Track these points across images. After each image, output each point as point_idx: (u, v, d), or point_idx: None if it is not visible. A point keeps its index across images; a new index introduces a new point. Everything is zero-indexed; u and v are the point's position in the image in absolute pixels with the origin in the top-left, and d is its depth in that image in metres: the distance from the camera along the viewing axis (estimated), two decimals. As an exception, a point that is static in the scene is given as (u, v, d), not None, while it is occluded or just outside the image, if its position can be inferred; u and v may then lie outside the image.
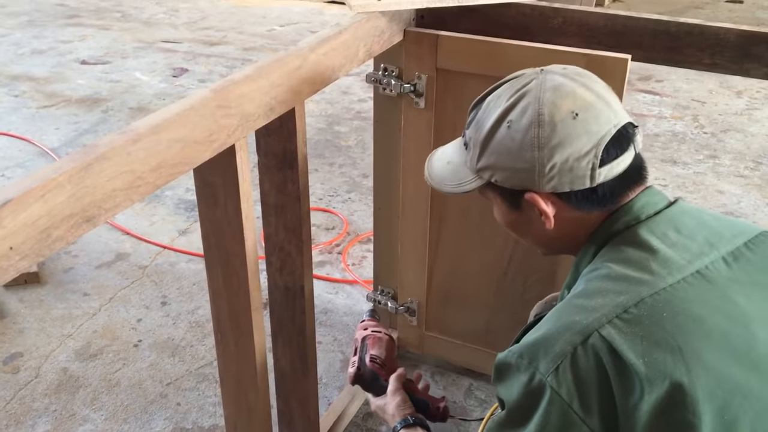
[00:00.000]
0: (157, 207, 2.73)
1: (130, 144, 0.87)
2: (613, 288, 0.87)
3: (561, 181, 0.93)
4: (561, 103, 0.92)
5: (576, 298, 0.90)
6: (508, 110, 0.95)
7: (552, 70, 0.98)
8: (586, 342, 0.83)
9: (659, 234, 0.92)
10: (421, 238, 1.71)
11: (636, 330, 0.83)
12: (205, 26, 4.90)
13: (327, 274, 2.34)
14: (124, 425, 1.78)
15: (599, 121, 0.92)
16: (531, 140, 0.92)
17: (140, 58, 4.28)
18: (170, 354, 2.00)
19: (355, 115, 3.54)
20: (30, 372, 1.94)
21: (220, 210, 1.09)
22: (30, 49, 4.42)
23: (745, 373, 0.82)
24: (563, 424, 0.83)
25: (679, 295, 0.86)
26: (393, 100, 1.58)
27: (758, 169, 3.03)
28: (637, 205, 0.95)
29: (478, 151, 0.99)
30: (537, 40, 1.47)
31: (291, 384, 1.39)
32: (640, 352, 0.81)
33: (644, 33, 1.44)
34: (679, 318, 0.84)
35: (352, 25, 1.31)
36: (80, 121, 3.46)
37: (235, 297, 1.14)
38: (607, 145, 0.92)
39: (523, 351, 0.87)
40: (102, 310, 2.18)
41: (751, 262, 0.92)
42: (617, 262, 0.91)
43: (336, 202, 2.77)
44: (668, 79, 3.94)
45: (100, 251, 2.46)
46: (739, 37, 1.38)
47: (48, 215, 0.77)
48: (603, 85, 0.98)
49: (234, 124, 1.04)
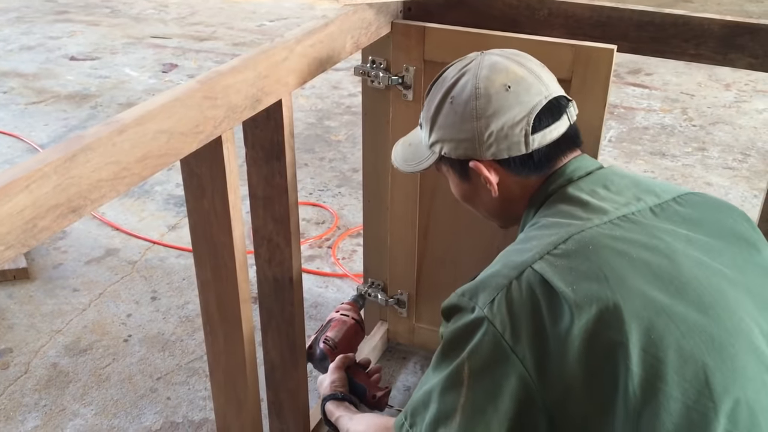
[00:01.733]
0: (147, 202, 2.73)
1: (115, 135, 0.87)
2: (545, 233, 0.95)
3: (499, 147, 1.03)
4: (495, 77, 1.04)
5: (514, 245, 0.98)
6: (450, 87, 1.07)
7: (490, 52, 1.10)
8: (520, 276, 0.89)
9: (588, 191, 1.00)
10: (410, 230, 1.72)
11: (564, 263, 0.89)
12: (194, 22, 4.89)
13: (317, 268, 2.34)
14: (114, 420, 1.78)
15: (530, 93, 1.03)
16: (470, 111, 1.04)
17: (129, 54, 4.27)
18: (160, 349, 2.00)
19: (345, 109, 3.54)
20: (20, 367, 1.94)
21: (207, 201, 1.10)
22: (18, 45, 4.40)
23: (669, 298, 0.86)
24: (492, 352, 0.87)
25: (604, 233, 0.92)
26: (381, 93, 1.59)
27: (746, 161, 3.05)
28: (570, 168, 1.04)
29: (428, 127, 1.11)
30: (523, 31, 1.48)
31: (281, 375, 1.39)
32: (570, 281, 0.87)
33: (629, 24, 1.44)
34: (605, 251, 0.90)
35: (339, 17, 1.32)
36: (69, 117, 3.45)
37: (224, 288, 1.15)
38: (538, 114, 1.03)
39: (465, 290, 0.94)
40: (92, 305, 2.18)
41: (679, 213, 0.99)
42: (550, 216, 0.99)
43: (326, 197, 2.77)
44: (657, 72, 3.96)
45: (89, 247, 2.45)
46: (723, 27, 1.39)
47: (33, 205, 0.77)
48: (537, 63, 1.09)
49: (220, 115, 1.04)
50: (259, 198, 1.25)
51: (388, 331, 1.92)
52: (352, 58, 1.47)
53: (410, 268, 1.77)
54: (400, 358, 1.92)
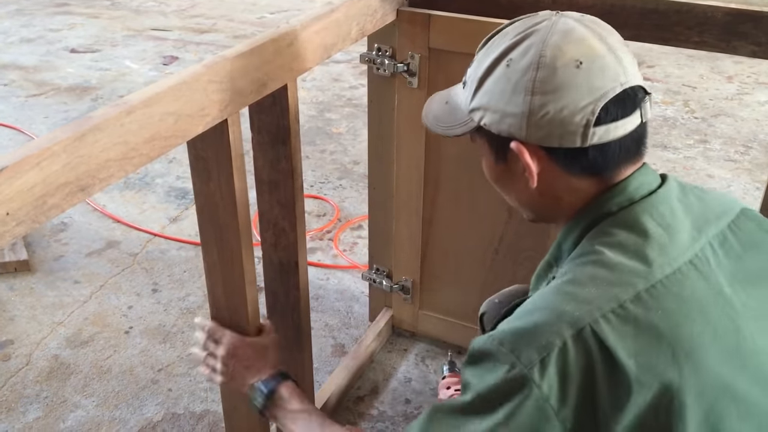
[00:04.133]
0: (148, 194, 2.73)
1: (123, 116, 0.88)
2: (607, 277, 0.81)
3: (550, 132, 0.86)
4: (567, 48, 0.85)
5: (566, 285, 0.83)
6: (510, 48, 0.88)
7: (568, 14, 0.90)
8: (576, 335, 0.77)
9: (651, 217, 0.86)
10: (415, 217, 1.72)
11: (629, 328, 0.78)
12: (194, 14, 4.88)
13: (318, 260, 2.34)
14: (116, 411, 1.78)
15: (604, 75, 0.85)
16: (526, 83, 0.85)
17: (130, 47, 4.26)
18: (161, 340, 2.01)
19: (347, 102, 3.53)
20: (21, 359, 1.94)
21: (213, 184, 1.10)
22: (19, 37, 4.40)
23: (733, 372, 0.80)
24: (534, 418, 0.77)
25: (673, 291, 0.81)
26: (387, 80, 1.59)
27: (748, 154, 3.05)
28: (632, 185, 0.88)
29: (473, 89, 0.92)
30: (528, 18, 1.48)
31: (286, 359, 1.39)
32: (633, 352, 0.77)
33: (633, 12, 1.45)
34: (674, 317, 0.80)
35: (345, 3, 1.32)
36: (70, 110, 3.44)
37: (229, 271, 1.15)
38: (607, 103, 0.84)
39: (504, 338, 0.80)
40: (93, 297, 2.18)
41: (734, 248, 0.90)
42: (610, 247, 0.84)
43: (327, 189, 2.77)
44: (659, 64, 3.95)
45: (90, 239, 2.45)
46: (727, 15, 1.39)
47: (43, 183, 0.78)
48: (619, 39, 0.89)
49: (225, 99, 1.04)
50: (265, 182, 1.26)
51: (392, 318, 1.93)
52: (353, 50, 1.47)
53: (414, 255, 1.78)
54: (402, 350, 1.92)
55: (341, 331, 2.03)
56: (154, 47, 4.26)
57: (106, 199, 2.68)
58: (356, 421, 1.72)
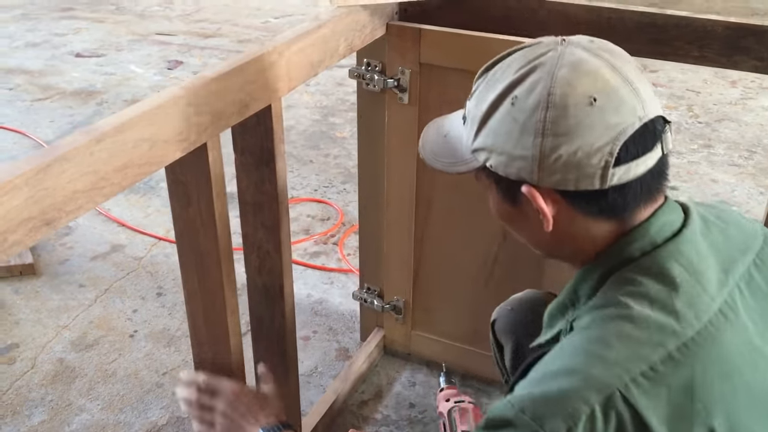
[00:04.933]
0: (152, 198, 2.73)
1: (93, 144, 0.85)
2: (636, 335, 0.76)
3: (565, 177, 0.79)
4: (578, 83, 0.78)
5: (592, 344, 0.77)
6: (515, 83, 0.81)
7: (575, 42, 0.82)
8: (605, 402, 0.72)
9: (680, 261, 0.80)
10: (407, 236, 1.69)
11: (662, 392, 0.73)
12: (199, 18, 4.87)
13: (322, 264, 2.34)
14: (121, 415, 1.78)
15: (621, 111, 0.78)
16: (536, 124, 0.78)
17: (135, 51, 4.26)
18: (166, 344, 2.01)
19: (350, 106, 3.52)
20: (26, 363, 1.94)
21: (193, 209, 1.08)
22: (24, 42, 4.40)
23: (766, 428, 0.77)
24: None
25: (706, 347, 0.76)
26: (376, 96, 1.56)
27: (752, 158, 3.02)
28: (654, 227, 0.82)
29: (475, 128, 0.85)
30: (522, 33, 1.44)
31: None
32: (665, 417, 0.72)
33: (630, 25, 1.42)
34: (707, 376, 0.75)
35: (332, 19, 1.29)
36: (75, 114, 3.45)
37: (210, 299, 1.12)
38: (626, 141, 0.78)
39: (525, 405, 0.74)
40: (97, 301, 2.18)
41: (761, 287, 0.85)
42: (636, 299, 0.78)
43: (331, 193, 2.77)
44: (663, 69, 3.91)
45: (95, 243, 2.46)
46: (727, 29, 1.36)
47: (4, 219, 0.75)
48: (634, 66, 0.82)
49: (205, 122, 1.02)
50: (249, 204, 1.24)
51: (384, 338, 1.90)
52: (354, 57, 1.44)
53: (406, 274, 1.75)
54: (394, 371, 1.90)
55: (345, 335, 2.04)
56: (158, 51, 4.25)
57: (111, 203, 2.68)
58: (360, 425, 1.72)
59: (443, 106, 1.49)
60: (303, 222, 2.59)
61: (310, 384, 1.86)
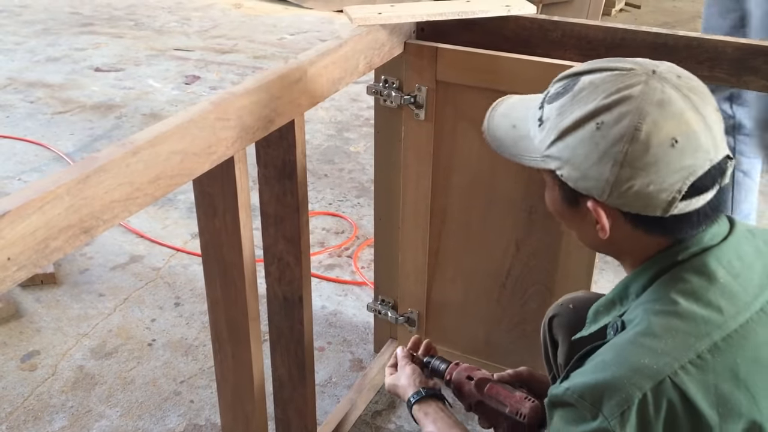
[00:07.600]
0: (170, 211, 2.78)
1: (129, 156, 0.89)
2: (683, 328, 0.84)
3: (632, 203, 0.86)
4: (664, 124, 0.83)
5: (642, 337, 0.85)
6: (602, 109, 0.85)
7: (665, 78, 0.86)
8: (656, 387, 0.80)
9: (725, 263, 0.88)
10: (421, 249, 1.72)
11: (709, 378, 0.81)
12: (216, 35, 4.95)
13: (336, 276, 2.38)
14: (139, 422, 1.82)
15: (696, 154, 0.84)
16: (616, 154, 0.84)
17: (153, 66, 4.33)
18: (183, 353, 2.04)
19: (364, 122, 3.56)
20: (47, 369, 1.98)
21: (218, 220, 1.11)
22: (45, 56, 4.48)
23: None
24: None
25: (749, 338, 0.84)
26: (393, 112, 1.60)
27: (764, 177, 3.01)
28: (706, 238, 0.90)
29: (553, 137, 0.90)
30: (536, 53, 1.48)
31: (289, 393, 1.40)
32: (715, 402, 0.80)
33: (642, 46, 1.45)
34: (751, 365, 0.83)
35: (353, 38, 1.33)
36: (94, 127, 3.50)
37: (233, 307, 1.16)
38: (695, 181, 0.85)
39: (584, 392, 0.83)
40: (117, 310, 2.23)
41: None
42: (684, 296, 0.86)
43: (345, 207, 2.80)
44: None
45: (114, 253, 2.50)
46: (737, 50, 1.38)
47: (46, 226, 0.79)
48: (714, 107, 0.87)
49: (233, 136, 1.06)
50: (270, 216, 1.27)
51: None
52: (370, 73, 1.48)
53: (420, 287, 1.77)
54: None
55: (359, 347, 2.07)
56: (176, 67, 4.32)
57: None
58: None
59: (459, 122, 1.53)
60: (318, 235, 2.63)
61: (325, 394, 1.89)
